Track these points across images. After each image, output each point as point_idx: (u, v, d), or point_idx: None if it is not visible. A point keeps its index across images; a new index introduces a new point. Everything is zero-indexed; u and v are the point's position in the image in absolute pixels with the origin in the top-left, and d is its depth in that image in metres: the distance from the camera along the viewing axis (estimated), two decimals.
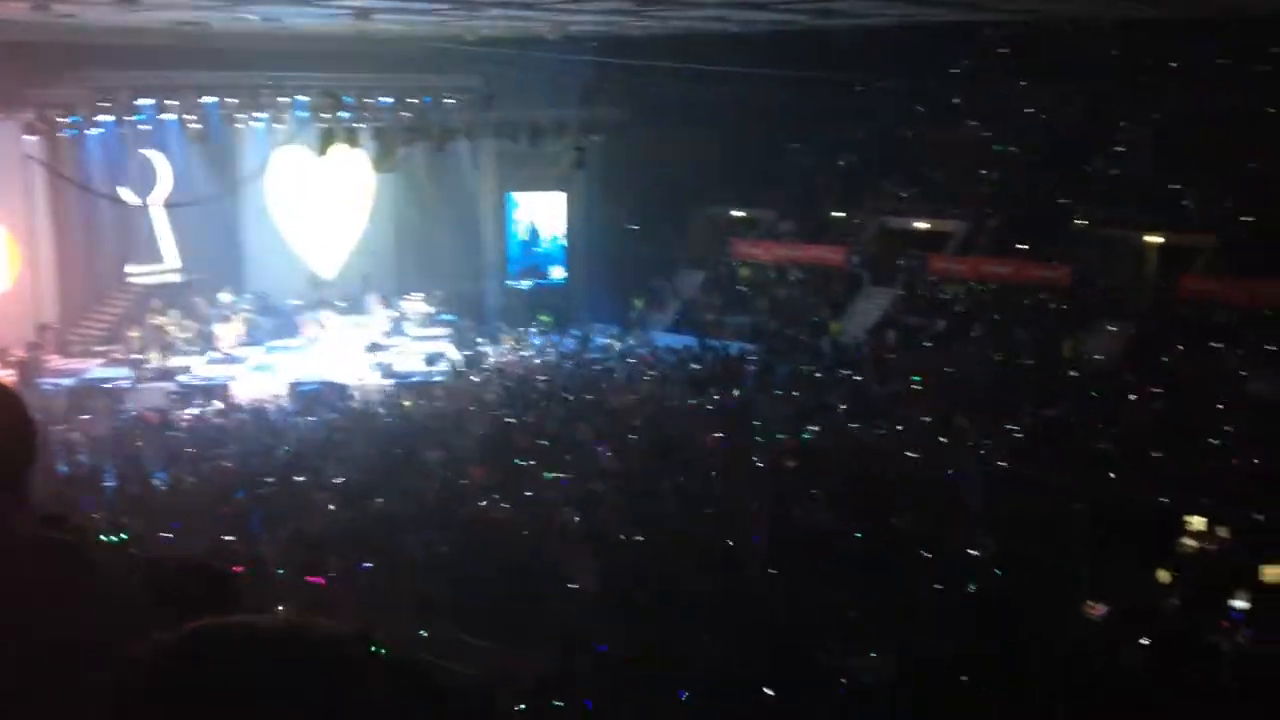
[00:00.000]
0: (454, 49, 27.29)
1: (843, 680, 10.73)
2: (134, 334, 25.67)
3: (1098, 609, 11.64)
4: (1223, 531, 14.21)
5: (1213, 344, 24.55)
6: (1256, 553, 13.14)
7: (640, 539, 14.87)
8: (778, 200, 35.01)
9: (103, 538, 12.02)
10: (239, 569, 12.05)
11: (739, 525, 15.25)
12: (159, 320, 25.65)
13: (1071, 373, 24.77)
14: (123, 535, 12.71)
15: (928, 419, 21.22)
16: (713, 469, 17.87)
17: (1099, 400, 22.49)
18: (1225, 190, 28.15)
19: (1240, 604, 11.65)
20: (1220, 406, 21.49)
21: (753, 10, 21.50)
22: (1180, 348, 24.79)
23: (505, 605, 13.07)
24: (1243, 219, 27.22)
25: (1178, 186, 29.15)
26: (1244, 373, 22.94)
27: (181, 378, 24.43)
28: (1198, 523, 14.34)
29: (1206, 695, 10.40)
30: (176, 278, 28.43)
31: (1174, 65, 31.66)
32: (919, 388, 23.82)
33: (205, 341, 26.17)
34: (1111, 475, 17.74)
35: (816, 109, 33.80)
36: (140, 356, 24.92)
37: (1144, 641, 11.00)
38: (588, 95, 30.84)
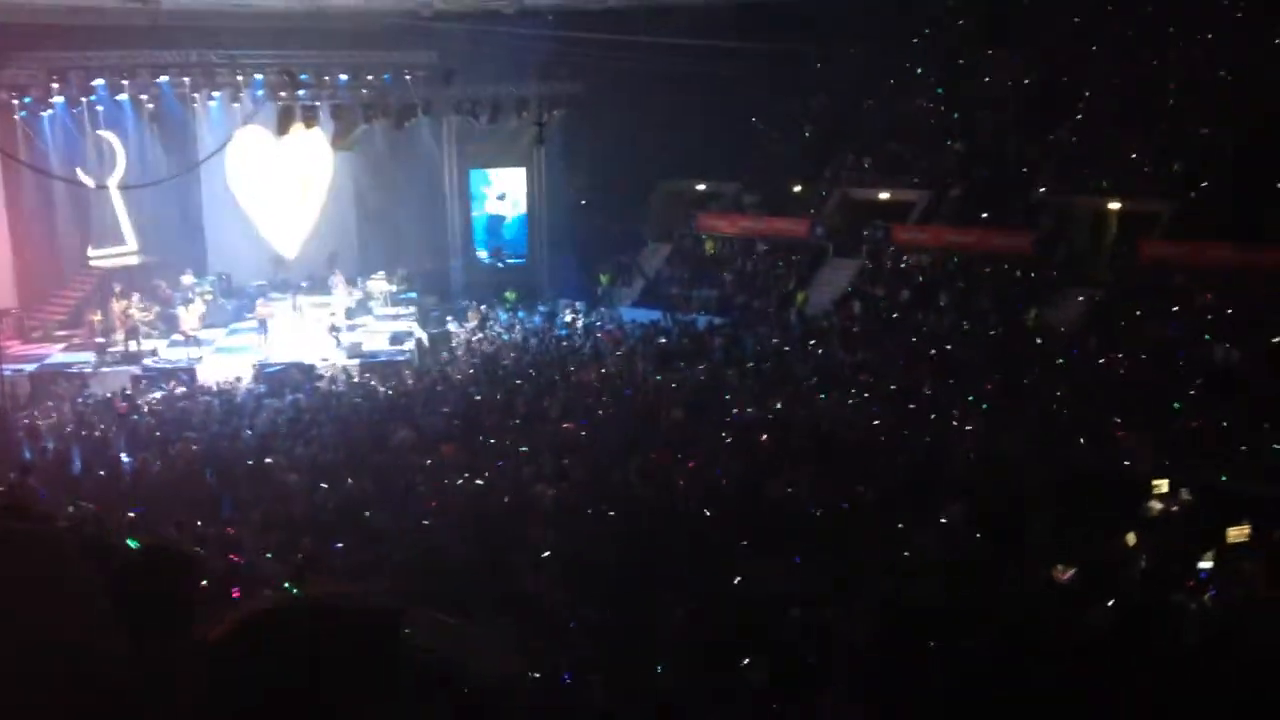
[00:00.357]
0: (411, 25, 27.00)
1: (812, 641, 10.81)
2: (95, 318, 25.33)
3: (1066, 573, 11.77)
4: (1186, 494, 14.41)
5: (1173, 308, 24.81)
6: (1220, 514, 13.33)
7: (610, 513, 14.90)
8: (740, 173, 34.99)
9: (66, 524, 11.90)
10: (236, 558, 11.98)
11: (709, 497, 15.30)
12: (121, 304, 25.31)
13: (1036, 340, 24.98)
14: (85, 520, 12.58)
15: (894, 388, 21.35)
16: (681, 442, 17.89)
17: (1063, 367, 22.70)
18: (1181, 155, 28.39)
19: (1205, 564, 11.83)
20: (1183, 370, 21.76)
21: None
22: (1141, 313, 25.05)
23: (478, 581, 13.06)
24: (1200, 184, 27.48)
25: (1134, 154, 29.37)
26: (1206, 336, 23.20)
27: (146, 361, 24.15)
28: (1162, 485, 14.53)
29: (1172, 655, 10.57)
30: (137, 260, 28.07)
31: (1130, 33, 31.84)
32: (885, 357, 23.95)
33: (168, 324, 25.87)
34: (1081, 440, 17.94)
35: (777, 80, 33.76)
36: (103, 340, 24.60)
37: (1110, 603, 11.14)
38: (547, 70, 30.64)
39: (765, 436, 18.31)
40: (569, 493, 15.55)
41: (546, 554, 13.39)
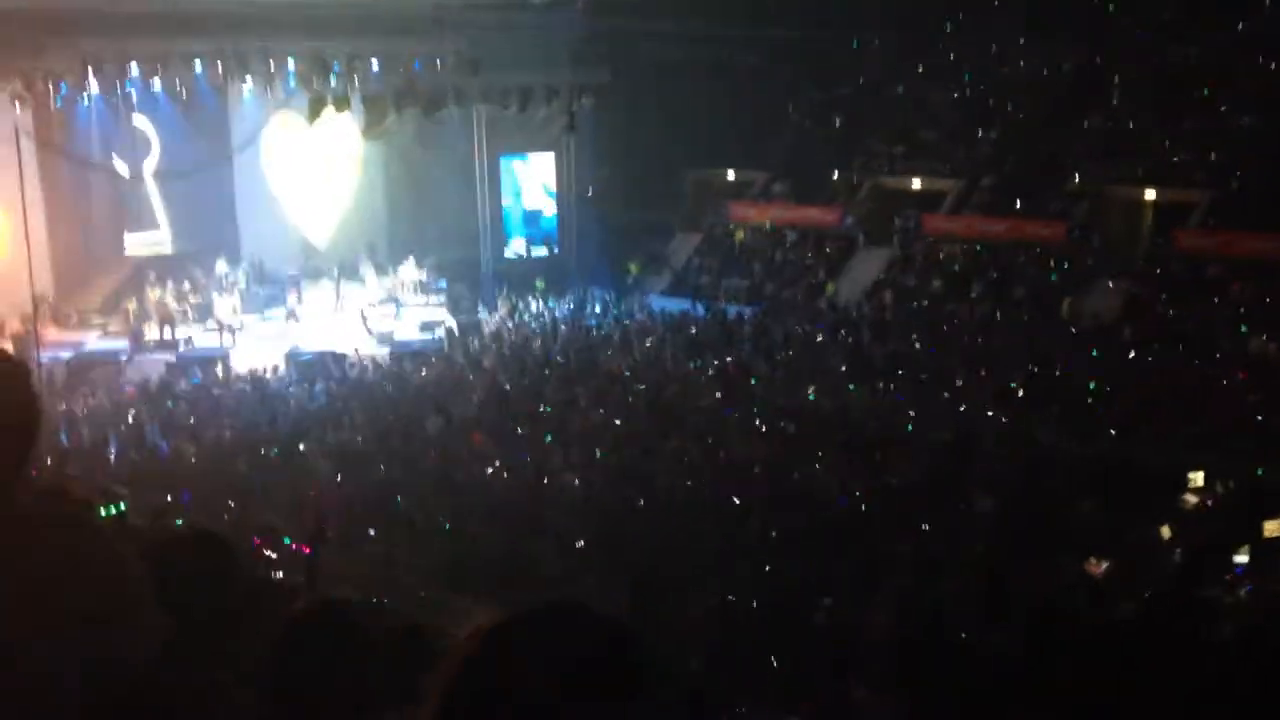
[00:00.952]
0: (442, 14, 27.03)
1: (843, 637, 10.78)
2: (131, 305, 25.57)
3: (1100, 566, 11.67)
4: (1222, 487, 14.24)
5: (1211, 299, 24.51)
6: (1257, 507, 13.17)
7: (640, 502, 14.91)
8: (770, 161, 34.83)
9: (104, 509, 12.04)
10: (260, 541, 12.09)
11: (739, 487, 15.27)
12: (155, 291, 25.53)
13: (1070, 330, 24.75)
14: (121, 506, 12.72)
15: (926, 379, 21.22)
16: (712, 432, 17.87)
17: (1098, 357, 22.48)
18: (1218, 145, 28.02)
19: (1241, 558, 11.69)
20: (1219, 361, 21.49)
21: None
22: (1177, 303, 24.77)
23: (505, 568, 13.12)
24: (1236, 173, 27.10)
25: (1170, 142, 29.01)
26: (1244, 328, 22.90)
27: (180, 349, 24.37)
28: (1198, 478, 14.37)
29: (1206, 649, 10.46)
30: (171, 248, 28.29)
31: (1165, 18, 31.42)
32: (916, 347, 23.80)
33: (202, 312, 26.07)
34: (1112, 432, 17.76)
35: (808, 68, 33.57)
36: (138, 328, 24.83)
37: (1145, 596, 11.03)
38: (577, 58, 30.58)
39: (794, 427, 18.26)
40: (598, 481, 15.58)
41: (579, 544, 13.43)
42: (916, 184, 32.16)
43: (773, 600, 11.93)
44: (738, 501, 14.65)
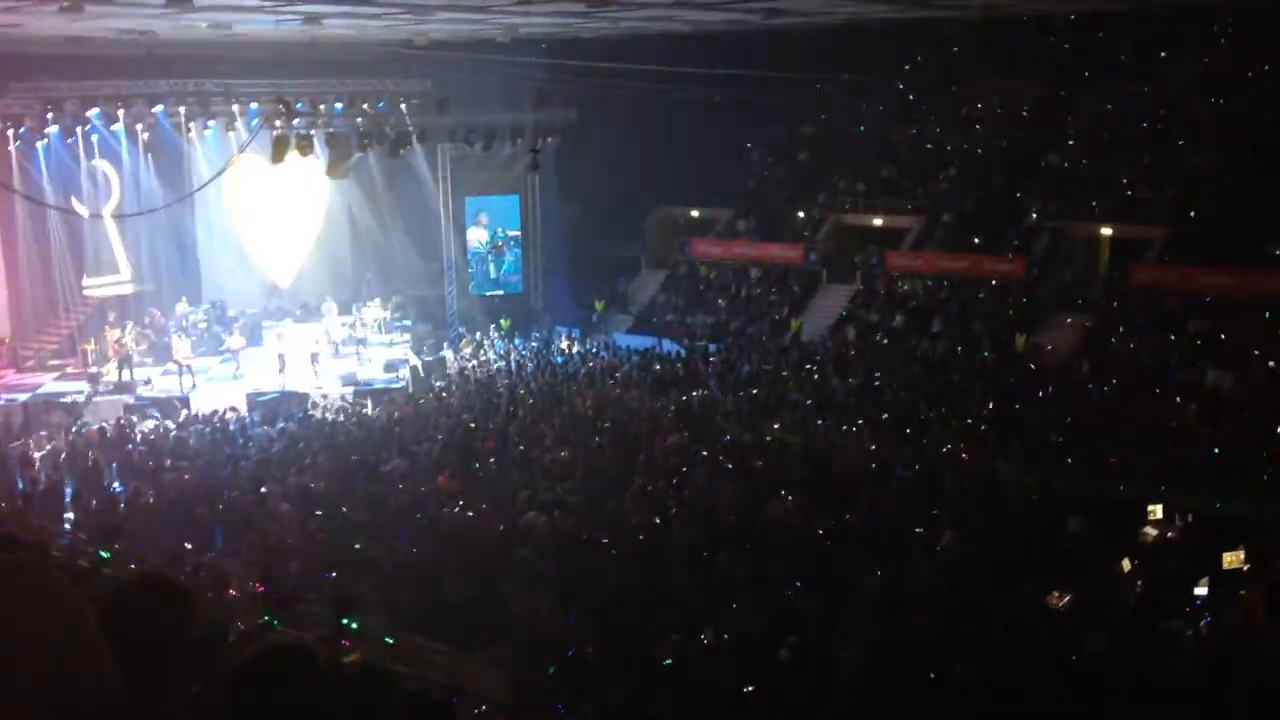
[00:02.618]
0: (406, 54, 27.13)
1: (812, 672, 10.76)
2: (89, 347, 25.29)
3: (1061, 599, 11.74)
4: (1181, 520, 14.39)
5: (1168, 333, 24.87)
6: (1216, 540, 13.31)
7: (605, 540, 14.85)
8: (734, 199, 35.12)
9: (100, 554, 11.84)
10: (232, 590, 11.90)
11: (704, 524, 15.25)
12: (114, 333, 25.27)
13: (1030, 365, 25.03)
14: (102, 554, 12.52)
15: (888, 414, 21.35)
16: (678, 469, 17.86)
17: (1057, 392, 22.73)
18: (1174, 182, 28.56)
19: (1201, 591, 11.80)
20: (1177, 396, 21.78)
21: (701, 10, 21.51)
22: (1135, 338, 25.11)
23: (472, 609, 13.00)
24: (1191, 209, 27.62)
25: (1127, 179, 29.54)
26: (1196, 362, 23.25)
27: (139, 390, 24.10)
28: (1157, 511, 14.51)
29: (1168, 682, 10.53)
30: (131, 289, 28.05)
31: (1122, 59, 32.09)
32: (879, 383, 23.96)
33: (162, 353, 25.82)
34: (1070, 465, 17.94)
35: (770, 107, 33.94)
36: (96, 370, 24.55)
37: (1109, 629, 11.10)
38: (541, 98, 30.78)
39: (760, 463, 18.29)
40: (563, 520, 15.50)
41: (541, 583, 13.34)
42: (878, 221, 32.52)
43: (740, 637, 11.90)
44: (704, 538, 14.62)
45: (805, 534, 14.98)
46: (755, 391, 23.45)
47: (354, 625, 10.76)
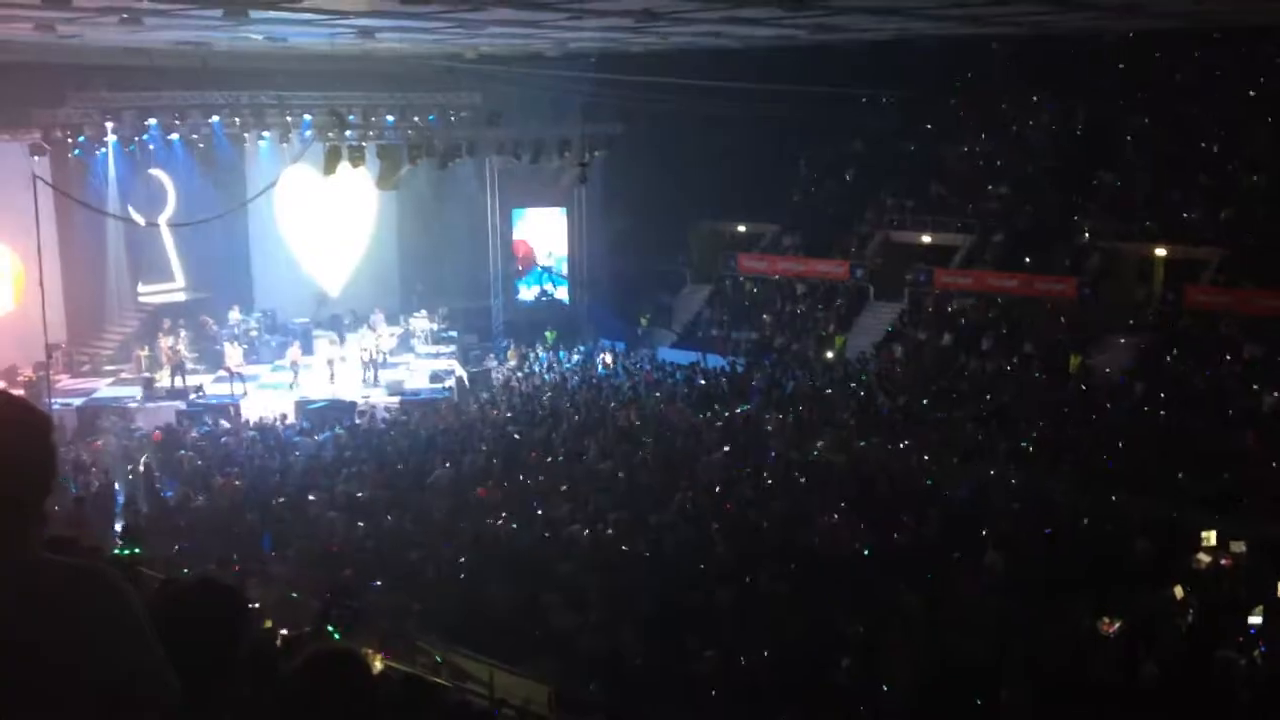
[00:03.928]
0: (456, 67, 27.36)
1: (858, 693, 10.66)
2: (143, 353, 25.68)
3: (1111, 626, 11.54)
4: (1237, 547, 14.10)
5: (1223, 356, 24.44)
6: (1271, 567, 13.03)
7: (647, 554, 14.81)
8: (781, 214, 35.01)
9: (120, 550, 12.01)
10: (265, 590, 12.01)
11: (747, 540, 15.17)
12: (168, 340, 25.66)
13: (1082, 386, 24.68)
14: (136, 550, 12.69)
15: (936, 434, 21.14)
16: (721, 485, 17.78)
17: (1110, 414, 22.39)
18: (1229, 202, 28.11)
19: (1255, 619, 11.55)
20: (1234, 420, 21.37)
21: (750, 26, 21.50)
22: (1189, 361, 24.69)
23: (513, 620, 13.01)
24: (1247, 230, 27.16)
25: (1180, 200, 29.12)
26: (1255, 386, 22.80)
27: (191, 396, 24.43)
28: (1211, 538, 14.23)
29: (1222, 712, 10.31)
30: (184, 297, 28.46)
31: (1177, 78, 31.66)
32: (927, 402, 23.74)
33: (214, 360, 26.17)
34: (1122, 490, 17.63)
35: (818, 123, 33.83)
36: (149, 375, 24.92)
37: (1162, 658, 10.90)
38: (589, 111, 30.90)
39: (804, 479, 18.17)
40: (606, 534, 15.49)
41: (582, 596, 13.32)
42: (927, 239, 32.28)
43: (783, 655, 11.81)
44: (748, 555, 14.54)
45: (850, 554, 14.86)
46: (800, 408, 23.31)
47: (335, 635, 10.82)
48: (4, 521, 2.03)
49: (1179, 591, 12.55)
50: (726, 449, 20.00)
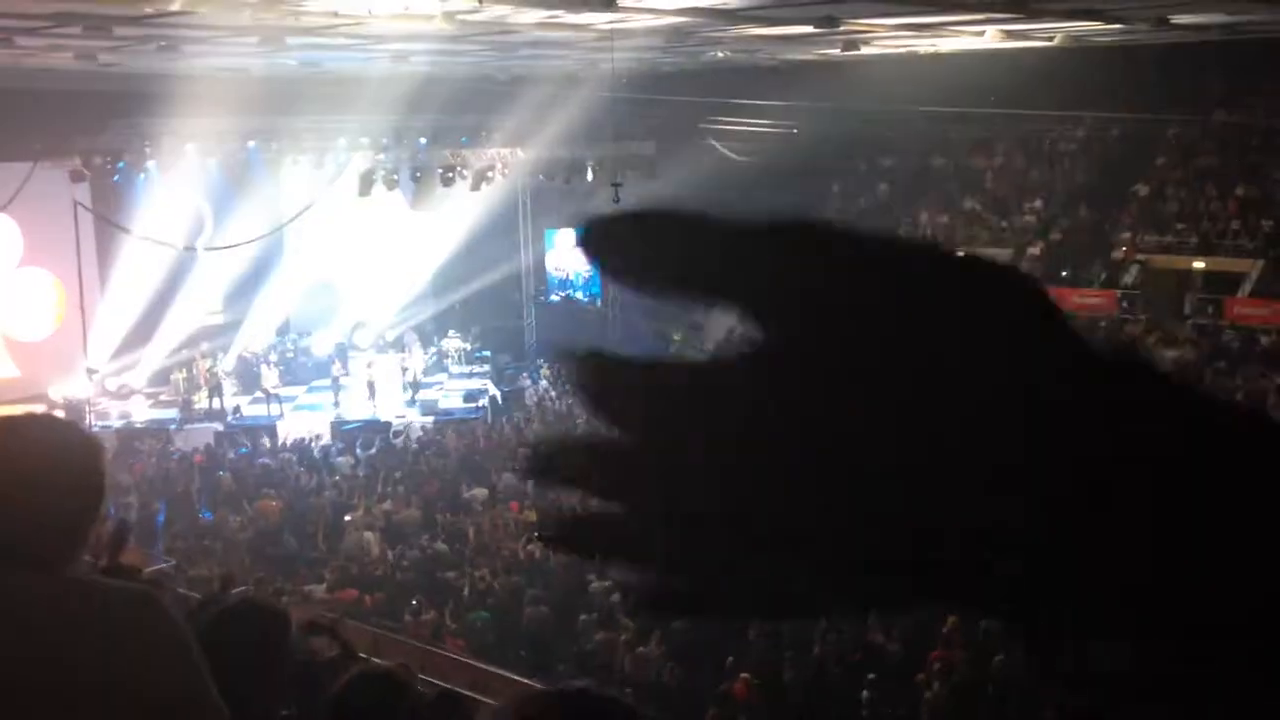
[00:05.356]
0: (489, 88, 27.55)
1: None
2: (180, 375, 25.96)
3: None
4: None
5: (1263, 371, 24.11)
6: None
7: None
8: None
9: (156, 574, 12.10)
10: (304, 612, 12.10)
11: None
12: (204, 362, 25.93)
13: None
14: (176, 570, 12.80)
15: None
16: None
17: None
18: (1269, 213, 27.77)
19: None
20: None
21: (778, 45, 21.54)
22: (1229, 374, 24.37)
23: (548, 641, 13.01)
24: None
25: (1219, 212, 28.80)
26: None
27: (228, 418, 24.66)
28: None
29: None
30: (221, 319, 28.77)
31: (1213, 86, 31.35)
32: None
33: (250, 382, 26.41)
34: None
35: (850, 138, 33.79)
36: (187, 397, 25.18)
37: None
38: (621, 131, 31.00)
39: None
40: None
41: (617, 615, 13.30)
42: (959, 253, 32.01)
43: (817, 676, 11.74)
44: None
45: None
46: None
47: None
48: (55, 544, 2.05)
49: None
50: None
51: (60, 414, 22.67)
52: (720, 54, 23.85)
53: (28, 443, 2.08)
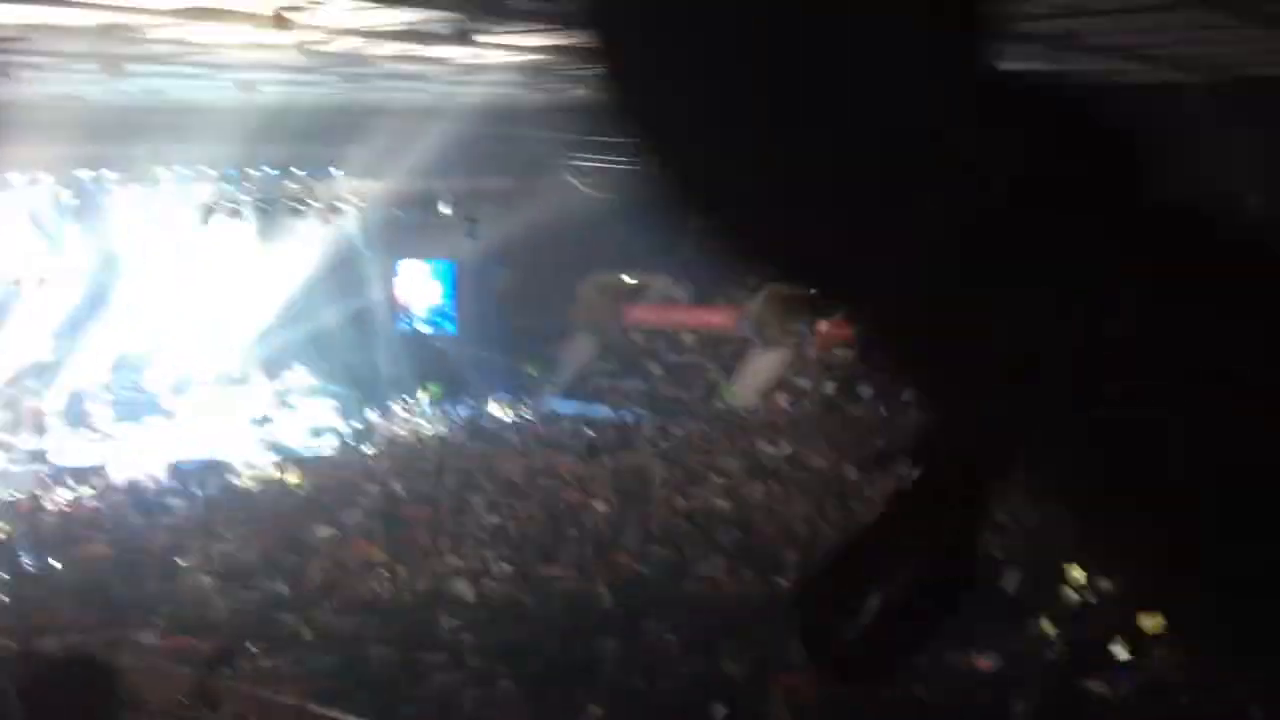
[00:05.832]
0: (340, 119, 27.10)
1: None
2: (2, 413, 24.65)
3: (985, 662, 11.80)
4: (1105, 583, 14.54)
5: None
6: (1136, 600, 13.45)
7: (532, 607, 14.69)
8: (670, 265, 35.34)
9: None
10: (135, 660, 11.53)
11: (634, 590, 15.16)
12: (30, 399, 24.68)
13: None
14: None
15: (819, 479, 21.48)
16: (606, 534, 17.78)
17: None
18: None
19: (1123, 655, 11.93)
20: None
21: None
22: None
23: (395, 681, 12.75)
24: None
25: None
26: None
27: (53, 458, 23.49)
28: (1078, 574, 14.66)
29: None
30: (50, 356, 27.45)
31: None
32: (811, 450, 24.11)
33: (79, 420, 25.23)
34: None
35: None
36: (8, 438, 23.92)
37: (1037, 692, 11.18)
38: (477, 164, 30.88)
39: (691, 528, 18.26)
40: (492, 589, 15.32)
41: (465, 653, 13.14)
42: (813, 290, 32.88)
43: (669, 706, 11.79)
44: (634, 604, 14.53)
45: (735, 598, 14.95)
46: (687, 457, 23.47)
47: None
48: None
49: (1048, 626, 12.90)
50: (614, 498, 20.00)
51: None
52: (580, 91, 24.03)
53: None
